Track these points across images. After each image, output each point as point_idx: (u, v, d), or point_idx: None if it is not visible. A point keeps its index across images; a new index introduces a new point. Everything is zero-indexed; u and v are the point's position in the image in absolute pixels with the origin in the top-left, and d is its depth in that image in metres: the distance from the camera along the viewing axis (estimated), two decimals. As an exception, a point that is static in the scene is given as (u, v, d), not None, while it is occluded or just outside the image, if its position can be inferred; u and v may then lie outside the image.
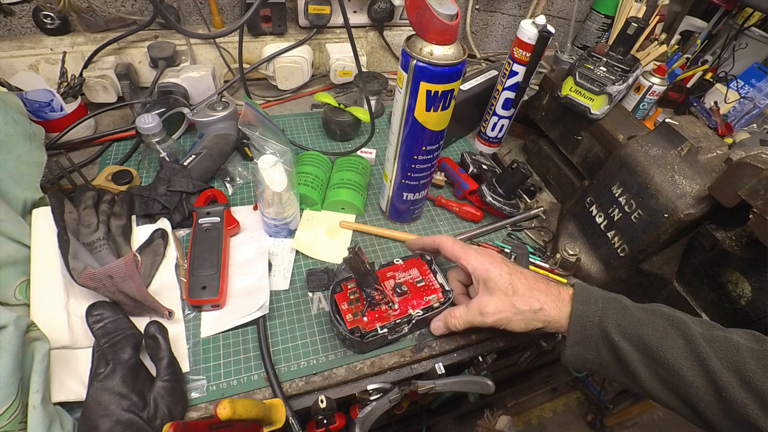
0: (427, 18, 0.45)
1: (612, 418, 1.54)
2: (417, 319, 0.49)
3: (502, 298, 0.45)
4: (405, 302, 0.50)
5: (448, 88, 0.49)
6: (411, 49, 0.47)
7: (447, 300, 0.51)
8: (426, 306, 0.51)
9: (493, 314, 0.44)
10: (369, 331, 0.47)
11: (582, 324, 0.42)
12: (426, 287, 0.52)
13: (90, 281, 0.46)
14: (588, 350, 0.42)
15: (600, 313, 0.41)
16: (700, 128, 0.58)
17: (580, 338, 0.42)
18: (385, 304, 0.49)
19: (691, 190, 0.54)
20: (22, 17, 0.78)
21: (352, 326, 0.47)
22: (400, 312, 0.49)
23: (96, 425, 0.39)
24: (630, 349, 0.39)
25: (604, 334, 0.40)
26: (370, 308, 0.49)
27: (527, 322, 0.44)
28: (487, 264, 0.47)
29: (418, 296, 0.51)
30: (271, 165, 0.56)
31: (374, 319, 0.48)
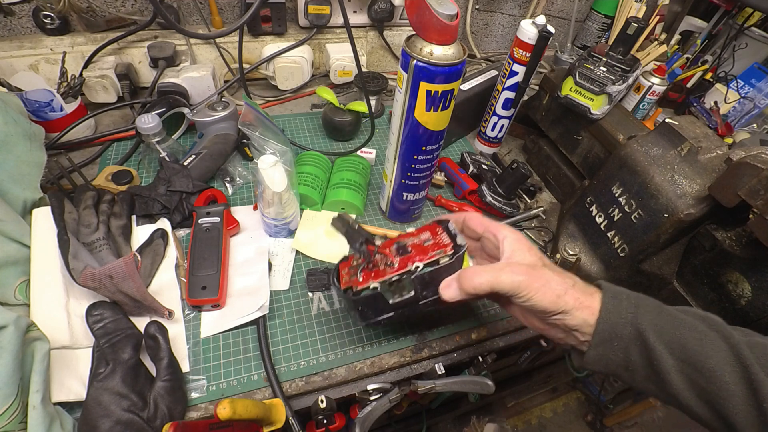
0: (427, 18, 0.45)
1: (612, 418, 1.54)
2: (417, 275, 0.40)
3: (533, 266, 0.38)
4: (406, 260, 0.41)
5: (448, 88, 0.49)
6: (411, 49, 0.47)
7: (458, 253, 0.40)
8: (430, 260, 0.40)
9: (523, 275, 0.37)
10: (361, 288, 0.41)
11: (612, 321, 0.36)
12: (434, 245, 0.42)
13: (90, 281, 0.46)
14: (615, 351, 0.37)
15: (634, 310, 0.36)
16: (700, 128, 0.58)
17: (608, 337, 0.36)
18: (385, 264, 0.42)
19: (691, 190, 0.54)
20: (22, 17, 0.78)
21: (345, 286, 0.43)
22: (398, 268, 0.41)
23: (96, 425, 0.39)
24: (665, 352, 0.35)
25: (638, 334, 0.36)
26: (366, 268, 0.43)
27: (557, 298, 0.37)
28: (519, 235, 0.42)
29: (422, 252, 0.42)
30: (271, 165, 0.56)
31: (369, 278, 0.42)
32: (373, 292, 0.40)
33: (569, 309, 0.37)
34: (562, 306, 0.37)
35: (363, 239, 0.42)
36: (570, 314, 0.37)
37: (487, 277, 0.37)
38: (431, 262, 0.40)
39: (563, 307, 0.37)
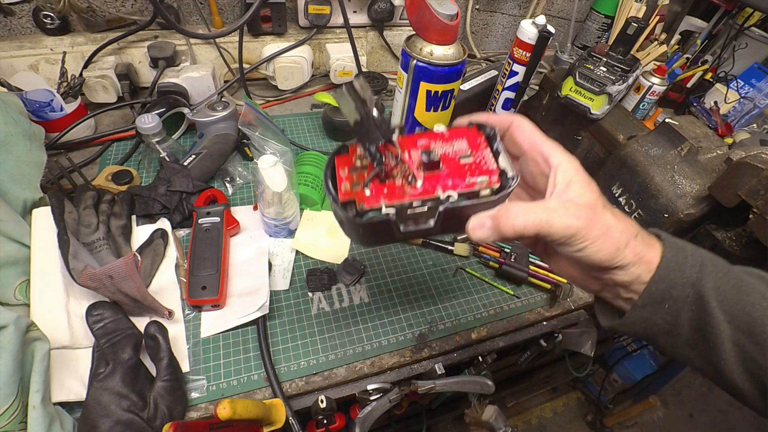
0: (427, 18, 0.45)
1: (612, 418, 1.54)
2: (447, 206, 0.29)
3: (592, 208, 0.30)
4: (434, 180, 0.30)
5: (448, 88, 0.49)
6: (411, 49, 0.47)
7: (505, 189, 0.30)
8: (467, 190, 0.30)
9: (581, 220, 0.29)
10: (369, 208, 0.29)
11: (671, 280, 0.30)
12: (474, 166, 0.31)
13: (90, 281, 0.46)
14: (663, 314, 0.31)
15: (698, 269, 0.31)
16: (700, 128, 0.58)
17: (660, 298, 0.31)
18: (403, 177, 0.30)
19: (691, 190, 0.54)
20: (22, 17, 0.78)
21: (345, 198, 0.30)
22: (423, 191, 0.30)
23: (96, 425, 0.39)
24: (723, 320, 0.30)
25: (698, 297, 0.30)
26: (377, 177, 0.30)
27: (617, 251, 0.29)
28: (578, 164, 0.32)
29: (458, 174, 0.31)
30: (271, 165, 0.56)
31: (381, 194, 0.30)
32: (382, 219, 0.29)
33: (626, 264, 0.30)
34: (620, 260, 0.30)
35: (381, 136, 0.29)
36: (625, 270, 0.31)
37: (534, 218, 0.28)
38: (468, 193, 0.30)
39: (620, 261, 0.30)
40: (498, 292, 0.63)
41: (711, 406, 1.71)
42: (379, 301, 0.59)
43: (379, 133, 0.29)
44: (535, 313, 0.62)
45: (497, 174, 0.30)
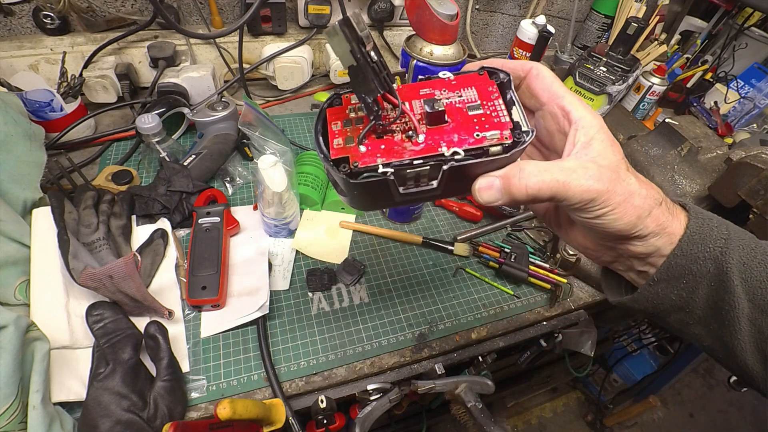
0: (427, 18, 0.45)
1: (612, 418, 1.55)
2: (452, 165, 0.26)
3: (615, 170, 0.26)
4: (438, 134, 0.27)
5: (448, 88, 0.49)
6: (411, 49, 0.47)
7: (519, 144, 0.26)
8: (475, 146, 0.26)
9: (602, 183, 0.25)
10: (364, 167, 0.25)
11: (693, 254, 0.28)
12: (484, 118, 0.27)
13: (90, 281, 0.46)
14: (679, 290, 0.29)
15: (723, 243, 0.28)
16: (700, 128, 0.58)
17: (678, 273, 0.28)
18: (403, 132, 0.27)
19: (691, 190, 0.54)
20: (22, 17, 0.78)
21: (338, 155, 0.26)
22: (425, 148, 0.26)
23: (96, 425, 0.39)
24: (744, 298, 0.27)
25: (719, 272, 0.28)
26: (374, 132, 0.27)
27: (638, 219, 0.27)
28: (601, 121, 0.29)
29: (465, 128, 0.27)
30: (271, 165, 0.56)
31: (378, 151, 0.26)
32: (379, 179, 0.25)
33: (646, 234, 0.28)
34: (640, 230, 0.27)
35: (379, 85, 0.25)
36: (644, 241, 0.28)
37: (550, 178, 0.25)
38: (476, 150, 0.26)
39: (640, 231, 0.27)
40: (498, 292, 0.63)
41: (711, 406, 1.71)
42: (379, 301, 0.59)
43: (378, 80, 0.25)
44: (535, 313, 0.62)
45: (509, 128, 0.27)
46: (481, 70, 0.30)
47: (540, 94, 0.30)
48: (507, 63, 0.30)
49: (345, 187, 0.27)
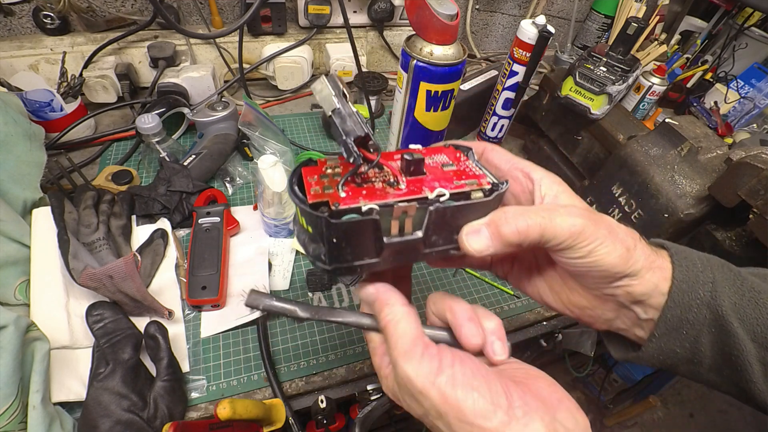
0: (427, 18, 0.45)
1: (612, 418, 1.55)
2: (439, 207, 0.25)
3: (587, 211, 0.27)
4: (418, 183, 0.27)
5: (448, 88, 0.49)
6: (411, 49, 0.47)
7: (495, 193, 0.27)
8: (458, 190, 0.27)
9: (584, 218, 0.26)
10: (345, 207, 0.24)
11: (686, 303, 0.27)
12: (459, 172, 0.29)
13: (90, 281, 0.46)
14: (682, 341, 0.28)
15: (711, 287, 0.27)
16: (700, 128, 0.58)
17: (676, 324, 0.28)
18: (383, 182, 0.27)
19: (691, 190, 0.54)
20: (22, 17, 0.78)
21: (315, 200, 0.25)
22: (408, 192, 0.26)
23: (96, 425, 0.39)
24: (746, 339, 0.27)
25: (716, 318, 0.27)
26: (353, 181, 0.26)
27: (627, 252, 0.26)
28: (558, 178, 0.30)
29: (444, 179, 0.28)
30: (271, 165, 0.56)
31: (359, 195, 0.25)
32: (363, 219, 0.24)
33: (639, 269, 0.27)
34: (632, 265, 0.27)
35: (358, 132, 0.26)
36: (639, 277, 0.27)
37: (535, 218, 0.25)
38: (460, 194, 0.27)
39: (633, 266, 0.27)
40: (498, 292, 0.63)
41: (711, 406, 1.71)
42: (379, 301, 0.59)
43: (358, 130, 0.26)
44: (535, 313, 0.62)
45: (487, 179, 0.28)
46: (446, 145, 0.32)
47: (499, 163, 0.32)
48: (464, 143, 0.33)
49: (322, 232, 0.24)
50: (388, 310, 0.26)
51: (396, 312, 0.25)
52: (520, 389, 0.23)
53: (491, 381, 0.23)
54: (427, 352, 0.23)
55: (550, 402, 0.23)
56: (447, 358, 0.23)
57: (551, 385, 0.25)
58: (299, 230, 0.28)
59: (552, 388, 0.24)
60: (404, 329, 0.25)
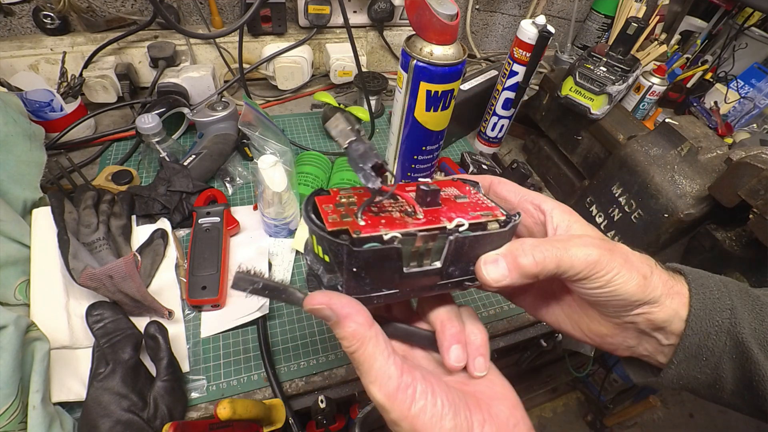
0: (427, 18, 0.45)
1: (612, 418, 1.55)
2: (458, 237, 0.26)
3: (601, 241, 0.27)
4: (436, 214, 0.27)
5: (448, 88, 0.49)
6: (411, 49, 0.47)
7: (510, 224, 0.28)
8: (475, 221, 0.27)
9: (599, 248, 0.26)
10: (366, 235, 0.24)
11: (704, 330, 0.27)
12: (472, 204, 0.29)
13: (90, 281, 0.46)
14: (702, 367, 0.28)
15: (729, 315, 0.27)
16: (700, 128, 0.58)
17: (695, 352, 0.27)
18: (401, 212, 0.27)
19: (691, 190, 0.54)
20: (22, 17, 0.78)
21: (335, 228, 0.24)
22: (426, 221, 0.26)
23: (96, 425, 0.39)
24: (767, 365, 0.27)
25: (737, 345, 0.27)
26: (370, 209, 0.26)
27: (644, 280, 0.26)
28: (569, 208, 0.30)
29: (459, 210, 0.28)
30: (271, 165, 0.56)
31: (378, 224, 0.25)
32: (386, 248, 0.24)
33: (658, 296, 0.27)
34: (650, 292, 0.26)
35: (375, 159, 0.26)
36: (659, 304, 0.27)
37: (552, 250, 0.25)
38: (477, 224, 0.27)
39: (651, 293, 0.26)
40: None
41: (711, 406, 1.71)
42: (379, 301, 0.59)
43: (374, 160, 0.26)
44: (535, 313, 0.62)
45: (498, 210, 0.28)
46: (454, 179, 0.32)
47: (508, 195, 0.32)
48: (471, 177, 0.33)
49: (342, 261, 0.24)
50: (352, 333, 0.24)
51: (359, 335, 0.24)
52: (481, 415, 0.24)
53: (458, 412, 0.23)
54: (402, 382, 0.23)
55: (506, 427, 0.24)
56: (419, 388, 0.23)
57: (512, 407, 0.26)
58: (313, 259, 0.28)
59: (511, 411, 0.25)
60: (372, 355, 0.24)
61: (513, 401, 0.26)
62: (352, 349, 0.24)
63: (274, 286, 0.26)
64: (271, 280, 0.26)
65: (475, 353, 0.27)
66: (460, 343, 0.27)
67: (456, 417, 0.23)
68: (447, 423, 0.23)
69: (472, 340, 0.27)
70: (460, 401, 0.24)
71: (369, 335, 0.24)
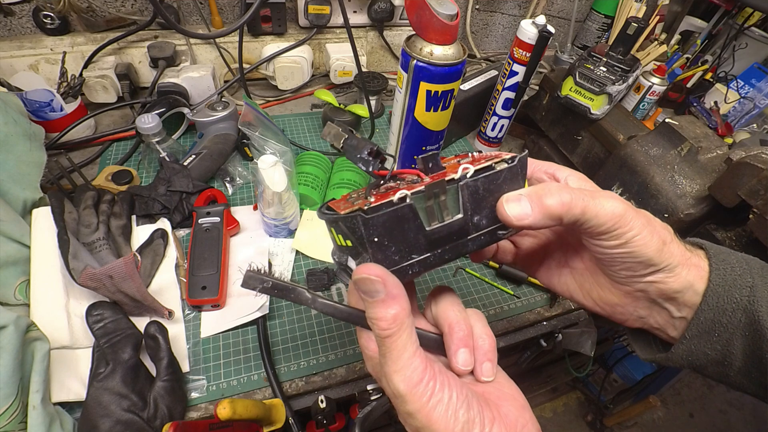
0: (427, 18, 0.45)
1: (612, 418, 1.55)
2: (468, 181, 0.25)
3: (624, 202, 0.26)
4: (441, 175, 0.26)
5: (448, 88, 0.49)
6: (411, 49, 0.47)
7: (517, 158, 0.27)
8: (481, 165, 0.26)
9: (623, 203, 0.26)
10: (377, 203, 0.23)
11: (721, 306, 0.27)
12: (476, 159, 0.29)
13: (90, 281, 0.46)
14: (713, 344, 0.28)
15: (749, 290, 0.27)
16: (700, 128, 0.58)
17: (710, 327, 0.27)
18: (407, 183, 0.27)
19: (691, 190, 0.54)
20: (22, 17, 0.78)
21: (347, 210, 0.25)
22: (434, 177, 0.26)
23: (96, 425, 0.39)
24: None
25: (752, 322, 0.27)
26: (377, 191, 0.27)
27: (663, 245, 0.26)
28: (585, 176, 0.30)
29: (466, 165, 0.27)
30: (271, 165, 0.56)
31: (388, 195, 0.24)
32: (399, 207, 0.23)
33: (674, 264, 0.27)
34: (667, 258, 0.26)
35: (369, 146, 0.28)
36: (674, 273, 0.27)
37: (579, 194, 0.25)
38: (484, 168, 0.26)
39: (668, 259, 0.26)
40: (498, 292, 0.63)
41: (711, 406, 1.71)
42: (379, 301, 0.59)
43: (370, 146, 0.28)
44: (535, 313, 0.62)
45: (503, 155, 0.27)
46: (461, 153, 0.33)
47: None
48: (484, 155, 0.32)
49: (361, 234, 0.24)
50: (394, 316, 0.23)
51: (400, 320, 0.23)
52: (491, 413, 0.24)
53: (471, 406, 0.23)
54: (425, 377, 0.23)
55: (515, 427, 0.24)
56: (438, 382, 0.23)
57: (520, 408, 0.25)
58: (339, 253, 0.29)
59: (520, 412, 0.25)
60: (404, 344, 0.23)
61: (521, 402, 0.26)
62: (388, 333, 0.23)
63: (283, 285, 0.27)
64: (280, 279, 0.27)
65: (483, 358, 0.27)
66: (468, 347, 0.27)
67: (469, 411, 0.23)
68: (461, 416, 0.22)
69: (480, 345, 0.27)
70: (472, 398, 0.24)
71: (407, 323, 0.23)
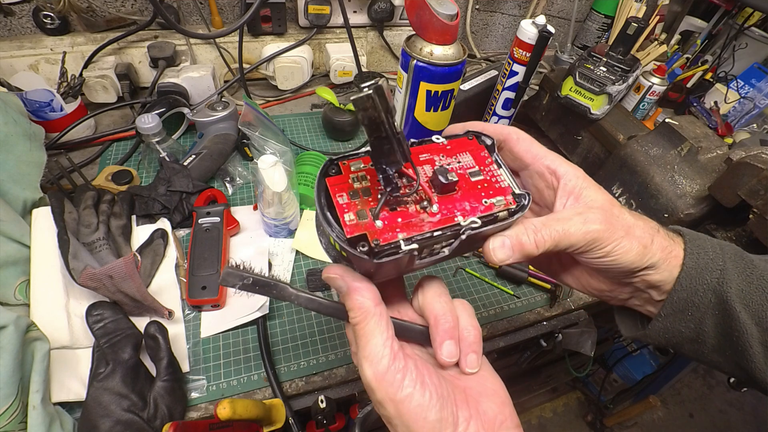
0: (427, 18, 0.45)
1: (612, 418, 1.55)
2: (469, 233, 0.26)
3: (608, 209, 0.29)
4: (450, 203, 0.27)
5: (448, 88, 0.49)
6: (411, 49, 0.47)
7: (519, 209, 0.28)
8: (486, 213, 0.27)
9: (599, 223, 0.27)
10: (386, 244, 0.24)
11: (693, 287, 0.29)
12: (486, 184, 0.29)
13: (90, 281, 0.46)
14: (686, 322, 0.30)
15: (719, 274, 0.29)
16: (700, 128, 0.58)
17: (682, 306, 0.29)
18: (416, 203, 0.26)
19: (691, 190, 0.54)
20: (22, 17, 0.78)
21: (354, 234, 0.24)
22: (441, 219, 0.26)
23: (96, 425, 0.39)
24: (750, 323, 0.29)
25: (721, 302, 0.29)
26: (387, 205, 0.26)
27: (644, 249, 0.28)
28: (583, 172, 0.31)
29: (473, 196, 0.28)
30: (271, 165, 0.56)
31: (396, 225, 0.25)
32: (403, 256, 0.24)
33: (656, 262, 0.29)
34: (649, 259, 0.29)
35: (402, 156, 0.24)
36: (657, 268, 0.29)
37: (551, 230, 0.27)
38: (487, 217, 0.27)
39: (650, 260, 0.29)
40: (498, 292, 0.63)
41: (711, 406, 1.71)
42: (379, 301, 0.59)
43: (401, 152, 0.24)
44: (535, 313, 0.62)
45: (511, 193, 0.28)
46: (470, 135, 0.31)
47: (524, 156, 0.32)
48: (487, 127, 0.32)
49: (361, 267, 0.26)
50: (359, 305, 0.25)
51: (365, 309, 0.25)
52: (468, 411, 0.25)
53: (446, 405, 0.24)
54: (393, 366, 0.24)
55: (493, 425, 0.25)
56: (409, 374, 0.24)
57: (500, 404, 0.26)
58: (329, 246, 0.28)
59: (500, 408, 0.26)
60: (372, 331, 0.25)
61: (502, 398, 0.27)
62: (356, 321, 0.25)
63: (264, 281, 0.26)
64: (261, 275, 0.26)
65: (468, 349, 0.28)
66: (453, 338, 0.27)
67: (442, 410, 0.24)
68: (432, 414, 0.23)
69: (465, 336, 0.28)
70: (449, 396, 0.25)
71: (373, 312, 0.25)
